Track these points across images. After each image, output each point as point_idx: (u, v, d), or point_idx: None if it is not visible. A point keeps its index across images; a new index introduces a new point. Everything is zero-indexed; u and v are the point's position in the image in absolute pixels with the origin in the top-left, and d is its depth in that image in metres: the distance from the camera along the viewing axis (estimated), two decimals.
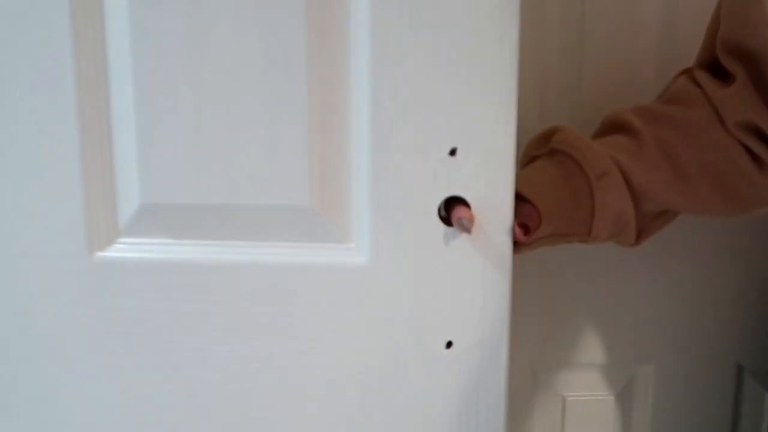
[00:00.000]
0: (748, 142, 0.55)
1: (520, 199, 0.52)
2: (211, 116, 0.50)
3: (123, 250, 0.54)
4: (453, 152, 0.48)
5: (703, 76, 0.58)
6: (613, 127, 0.60)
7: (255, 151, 0.50)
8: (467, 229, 0.46)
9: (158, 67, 0.49)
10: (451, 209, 0.48)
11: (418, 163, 0.49)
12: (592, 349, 0.84)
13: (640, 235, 0.60)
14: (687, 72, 0.62)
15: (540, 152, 0.59)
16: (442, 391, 0.53)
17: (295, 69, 0.48)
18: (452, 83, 0.47)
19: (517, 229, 0.50)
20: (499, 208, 0.49)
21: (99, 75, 0.51)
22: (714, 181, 0.57)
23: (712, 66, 0.59)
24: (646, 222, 0.60)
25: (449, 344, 0.51)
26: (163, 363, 0.55)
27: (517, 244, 0.51)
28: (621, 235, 0.58)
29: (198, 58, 0.49)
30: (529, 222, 0.51)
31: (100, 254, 0.53)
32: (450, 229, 0.49)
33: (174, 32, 0.48)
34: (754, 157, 0.56)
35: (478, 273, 0.50)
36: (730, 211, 0.61)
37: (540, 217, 0.52)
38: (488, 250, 0.49)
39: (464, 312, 0.51)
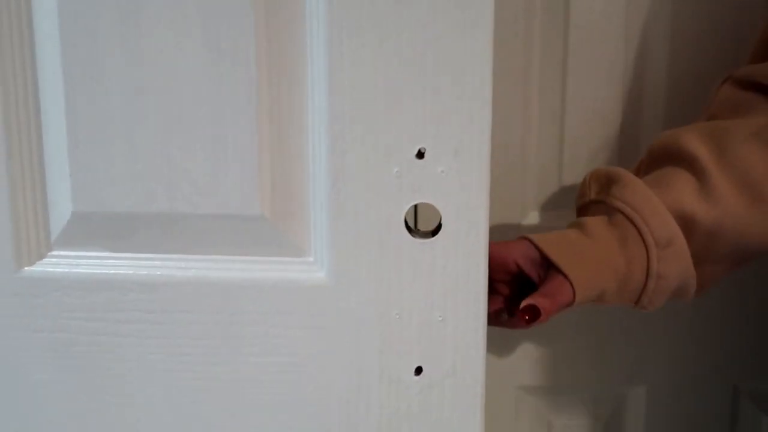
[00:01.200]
0: None
1: (553, 268, 0.49)
2: (149, 115, 0.44)
3: (55, 264, 0.48)
4: (420, 154, 0.43)
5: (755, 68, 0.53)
6: (668, 157, 0.54)
7: (198, 153, 0.44)
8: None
9: (89, 63, 0.44)
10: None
11: (382, 166, 0.43)
12: (580, 371, 0.79)
13: (700, 290, 0.54)
14: (729, 80, 0.56)
15: (599, 198, 0.54)
16: (411, 422, 0.47)
17: (243, 63, 0.43)
18: (418, 74, 0.42)
19: (521, 318, 0.48)
20: (474, 218, 0.44)
21: (26, 72, 0.45)
22: None
23: None
24: (715, 274, 0.54)
25: (419, 370, 0.46)
26: (99, 389, 0.49)
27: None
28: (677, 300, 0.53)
29: (133, 50, 0.43)
30: (558, 295, 0.48)
31: (29, 269, 0.48)
32: (418, 241, 0.44)
33: (106, 23, 0.43)
34: None
35: (450, 291, 0.45)
36: None
37: (573, 293, 0.49)
38: (460, 264, 0.44)
39: (435, 333, 0.45)
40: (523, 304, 0.49)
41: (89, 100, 0.45)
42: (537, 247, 0.51)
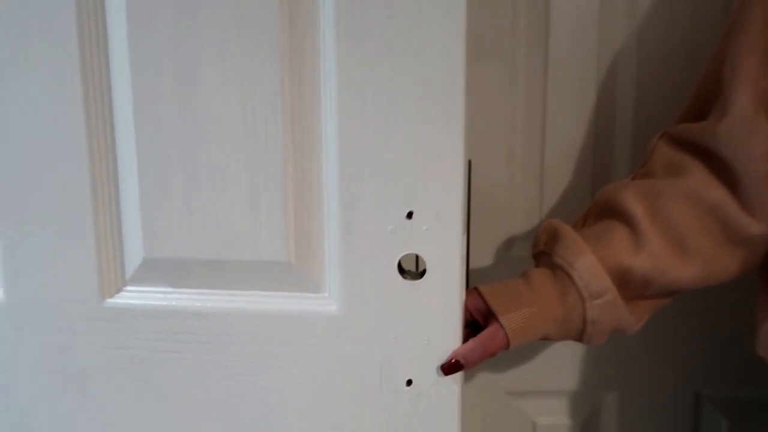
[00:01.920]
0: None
1: (492, 316, 0.59)
2: (201, 182, 0.58)
3: (129, 297, 0.62)
4: (410, 215, 0.56)
5: (688, 129, 0.64)
6: (610, 212, 0.64)
7: (239, 212, 0.58)
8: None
9: (155, 143, 0.58)
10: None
11: (381, 224, 0.56)
12: (561, 377, 0.91)
13: (640, 321, 0.64)
14: (665, 136, 0.66)
15: (547, 250, 0.64)
16: (405, 422, 0.60)
17: (273, 144, 0.57)
18: (406, 155, 0.55)
19: (446, 366, 0.58)
20: (450, 265, 0.56)
21: (107, 147, 0.59)
22: (717, 239, 0.60)
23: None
24: (652, 307, 0.65)
25: (409, 382, 0.59)
26: (162, 392, 0.63)
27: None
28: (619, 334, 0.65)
29: (189, 132, 0.57)
30: (489, 343, 0.59)
31: (110, 300, 0.62)
32: (408, 282, 0.57)
33: (168, 113, 0.57)
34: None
35: (432, 319, 0.58)
36: (739, 266, 0.62)
37: (507, 339, 0.59)
38: (441, 299, 0.57)
39: (422, 353, 0.59)
40: (448, 358, 0.58)
41: (156, 169, 0.59)
42: (482, 298, 0.61)
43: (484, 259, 0.87)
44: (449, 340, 0.58)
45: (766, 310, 0.65)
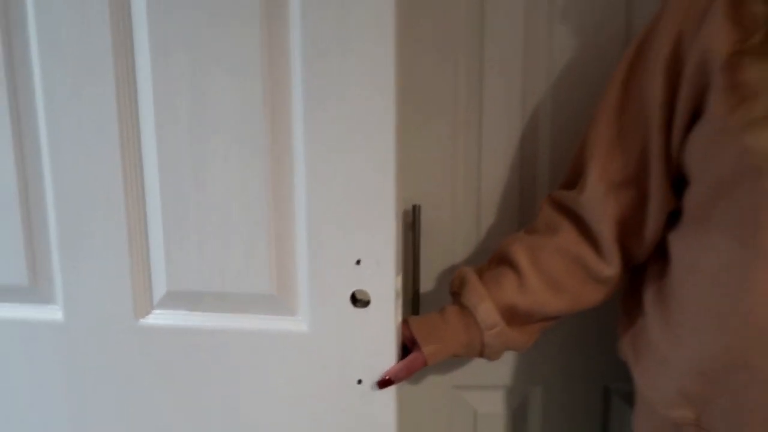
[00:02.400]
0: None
1: (416, 343, 0.82)
2: (210, 234, 0.80)
3: (156, 318, 0.84)
4: (358, 262, 0.78)
5: (563, 195, 0.85)
6: (504, 260, 0.86)
7: (239, 257, 0.80)
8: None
9: (176, 206, 0.80)
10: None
11: (338, 268, 0.78)
12: (498, 373, 1.13)
13: (530, 341, 0.87)
14: (549, 198, 0.88)
15: (458, 291, 0.87)
16: (358, 411, 0.83)
17: (260, 207, 0.79)
18: (357, 219, 0.77)
19: (380, 381, 0.80)
20: (386, 297, 0.79)
21: (141, 211, 0.81)
22: (582, 280, 0.83)
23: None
24: (540, 329, 0.87)
25: (360, 381, 0.81)
26: (184, 390, 0.85)
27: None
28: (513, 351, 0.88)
29: (201, 198, 0.79)
30: (411, 364, 0.81)
31: (142, 320, 0.84)
32: (359, 309, 0.79)
33: (187, 185, 0.79)
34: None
35: (377, 336, 0.80)
36: (602, 297, 0.84)
37: (425, 360, 0.81)
38: (381, 323, 0.79)
39: (369, 360, 0.81)
40: (381, 376, 0.80)
41: (176, 225, 0.81)
42: (410, 329, 0.84)
43: (432, 284, 1.09)
44: (388, 350, 0.80)
45: (622, 325, 0.88)
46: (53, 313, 0.85)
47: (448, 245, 1.08)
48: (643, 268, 0.85)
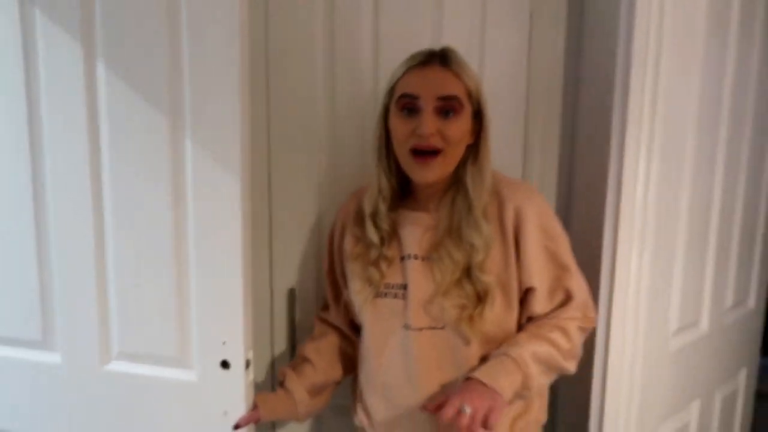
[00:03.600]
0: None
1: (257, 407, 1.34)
2: (143, 315, 1.34)
3: (115, 365, 1.38)
4: (224, 343, 1.29)
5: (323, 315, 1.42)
6: (301, 357, 1.40)
7: (161, 330, 1.33)
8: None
9: (130, 279, 1.34)
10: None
11: (214, 344, 1.30)
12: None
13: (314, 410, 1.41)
14: (317, 317, 1.44)
15: (283, 380, 1.37)
16: None
17: (171, 308, 1.32)
18: (221, 316, 1.29)
19: (234, 425, 1.31)
20: (240, 365, 1.29)
21: (103, 282, 1.36)
22: (344, 357, 1.39)
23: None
24: (330, 391, 1.41)
25: (226, 413, 1.33)
26: (120, 417, 1.39)
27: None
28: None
29: (143, 277, 1.34)
30: (251, 418, 1.31)
31: (105, 367, 1.38)
32: (226, 371, 1.31)
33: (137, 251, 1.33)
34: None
35: (234, 386, 1.31)
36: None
37: (259, 417, 1.32)
38: (237, 380, 1.31)
39: (233, 399, 1.32)
40: (236, 422, 1.31)
41: (130, 298, 1.35)
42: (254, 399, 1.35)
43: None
44: (239, 398, 1.32)
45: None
46: (54, 357, 1.41)
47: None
48: None
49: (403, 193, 1.31)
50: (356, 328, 1.39)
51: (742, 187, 1.67)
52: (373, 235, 1.26)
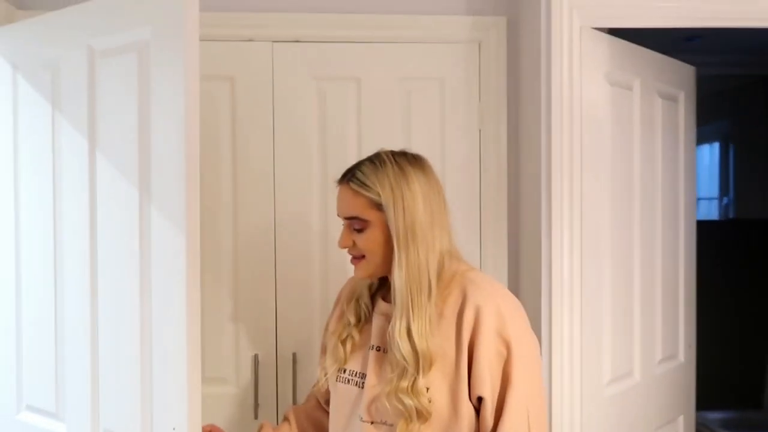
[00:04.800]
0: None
1: None
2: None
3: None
4: (174, 428, 1.47)
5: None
6: (284, 416, 1.47)
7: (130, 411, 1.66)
8: None
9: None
10: None
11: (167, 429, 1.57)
12: None
13: None
14: (311, 394, 1.49)
15: (266, 426, 1.42)
16: None
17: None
18: (171, 407, 1.61)
19: None
20: None
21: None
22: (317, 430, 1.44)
23: None
24: None
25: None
26: None
27: None
28: None
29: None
30: None
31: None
32: None
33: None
34: None
35: None
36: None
37: None
38: None
39: None
40: None
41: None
42: None
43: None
44: None
45: None
46: (60, 427, 1.52)
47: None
48: None
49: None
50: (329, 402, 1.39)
51: (659, 260, 2.04)
52: (351, 314, 1.32)
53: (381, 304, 1.30)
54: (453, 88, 1.91)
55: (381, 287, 1.34)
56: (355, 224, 1.24)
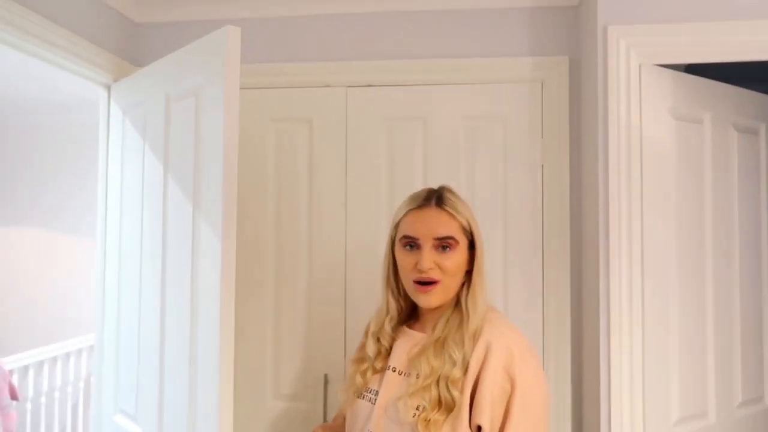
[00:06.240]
0: None
1: None
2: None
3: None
4: None
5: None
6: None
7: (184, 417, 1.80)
8: None
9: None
10: None
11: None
12: None
13: None
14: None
15: None
16: None
17: None
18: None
19: None
20: None
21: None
22: None
23: None
24: None
25: None
26: None
27: None
28: None
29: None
30: None
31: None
32: None
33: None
34: None
35: None
36: None
37: None
38: None
39: None
40: None
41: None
42: None
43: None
44: None
45: None
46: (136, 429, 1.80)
47: None
48: None
49: (411, 312, 1.43)
50: None
51: (737, 298, 1.97)
52: (371, 350, 1.39)
53: (407, 332, 1.39)
54: (516, 125, 1.98)
55: (405, 317, 1.42)
56: (449, 244, 1.30)
